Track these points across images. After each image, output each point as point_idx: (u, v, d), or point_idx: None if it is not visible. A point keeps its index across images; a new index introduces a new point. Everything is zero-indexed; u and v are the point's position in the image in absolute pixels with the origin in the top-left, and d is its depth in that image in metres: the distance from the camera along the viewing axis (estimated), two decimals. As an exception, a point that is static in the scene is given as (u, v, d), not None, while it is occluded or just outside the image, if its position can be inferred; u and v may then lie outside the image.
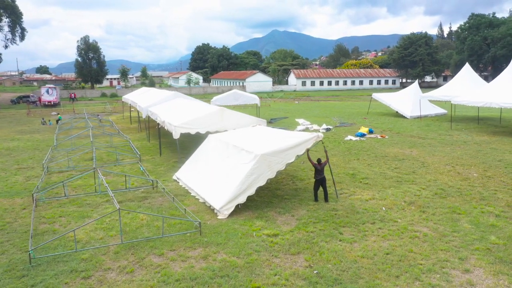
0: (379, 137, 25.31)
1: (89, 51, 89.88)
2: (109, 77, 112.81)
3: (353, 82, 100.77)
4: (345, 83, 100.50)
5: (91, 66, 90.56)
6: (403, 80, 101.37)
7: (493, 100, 24.78)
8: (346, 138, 24.72)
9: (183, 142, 22.40)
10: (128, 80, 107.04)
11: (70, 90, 74.12)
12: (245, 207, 12.26)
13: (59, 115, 38.44)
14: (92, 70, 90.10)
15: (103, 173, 14.89)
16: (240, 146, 13.44)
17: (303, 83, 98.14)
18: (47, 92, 54.83)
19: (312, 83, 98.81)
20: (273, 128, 17.54)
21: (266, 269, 8.62)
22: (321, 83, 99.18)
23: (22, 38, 65.01)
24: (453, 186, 14.40)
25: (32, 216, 11.73)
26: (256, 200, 12.92)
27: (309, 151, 12.98)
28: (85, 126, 32.80)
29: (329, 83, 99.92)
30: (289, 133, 15.13)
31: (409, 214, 11.74)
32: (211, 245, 9.84)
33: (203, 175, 14.18)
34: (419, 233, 10.37)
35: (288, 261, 9.02)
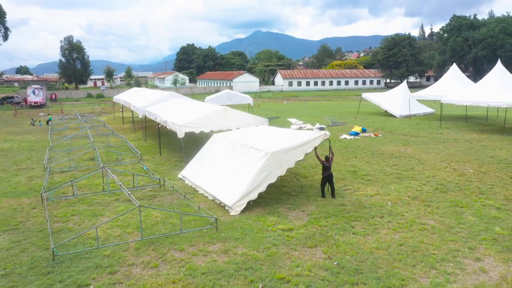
0: (373, 135, 25.91)
1: (73, 51, 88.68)
2: (93, 77, 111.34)
3: (338, 83, 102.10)
4: (331, 83, 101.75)
5: (75, 66, 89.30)
6: (388, 81, 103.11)
7: (482, 99, 25.67)
8: (341, 137, 25.23)
9: (180, 142, 22.53)
10: (113, 81, 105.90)
11: (51, 91, 72.67)
12: (256, 204, 12.54)
13: (49, 116, 37.96)
14: (76, 70, 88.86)
15: (111, 172, 14.96)
16: (248, 145, 13.71)
17: (290, 83, 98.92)
18: (33, 92, 53.96)
19: (299, 83, 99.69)
20: (277, 127, 17.85)
21: (287, 262, 8.93)
22: (308, 83, 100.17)
23: (5, 38, 63.92)
24: (451, 181, 14.98)
25: (47, 215, 11.78)
26: (265, 197, 13.21)
27: (317, 149, 13.35)
28: (77, 126, 32.58)
29: (315, 83, 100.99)
30: (294, 132, 15.48)
31: (414, 208, 12.22)
32: (229, 240, 10.10)
33: (211, 173, 14.40)
34: (427, 225, 10.83)
35: (306, 253, 9.34)
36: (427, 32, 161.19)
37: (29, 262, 9.10)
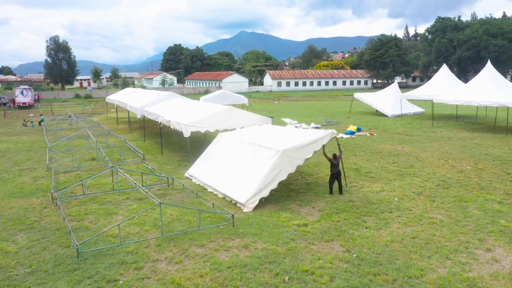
0: (368, 134, 26.45)
1: (59, 51, 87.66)
2: (78, 78, 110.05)
3: (327, 83, 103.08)
4: (319, 83, 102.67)
5: (61, 66, 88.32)
6: (375, 81, 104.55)
7: (473, 99, 26.45)
8: (337, 136, 25.61)
9: (181, 141, 22.69)
10: (101, 81, 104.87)
11: (36, 92, 71.49)
12: (266, 201, 12.82)
13: (41, 117, 37.56)
14: (62, 70, 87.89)
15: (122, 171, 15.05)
16: (257, 143, 13.99)
17: (279, 84, 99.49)
18: (21, 93, 53.18)
19: (288, 84, 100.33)
20: (281, 127, 18.17)
21: (307, 255, 9.24)
22: (296, 84, 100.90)
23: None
24: (452, 178, 15.52)
25: (62, 214, 11.84)
26: (274, 194, 13.49)
27: (324, 147, 13.71)
28: (71, 127, 32.36)
29: (304, 83, 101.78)
30: (298, 130, 15.81)
31: (420, 204, 12.67)
32: (247, 236, 10.36)
33: (219, 172, 14.62)
34: (435, 219, 11.28)
35: (325, 247, 9.67)
36: (411, 33, 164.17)
37: (53, 260, 9.20)
